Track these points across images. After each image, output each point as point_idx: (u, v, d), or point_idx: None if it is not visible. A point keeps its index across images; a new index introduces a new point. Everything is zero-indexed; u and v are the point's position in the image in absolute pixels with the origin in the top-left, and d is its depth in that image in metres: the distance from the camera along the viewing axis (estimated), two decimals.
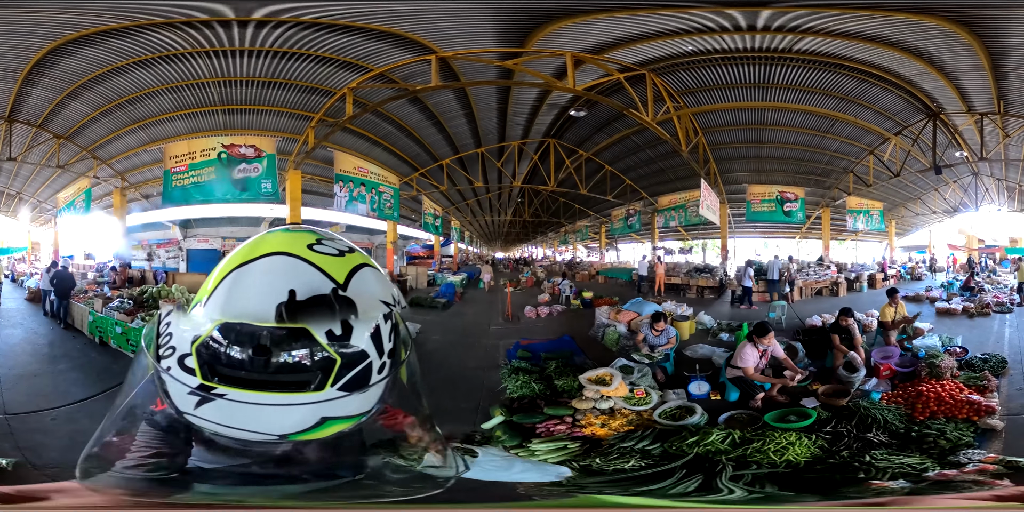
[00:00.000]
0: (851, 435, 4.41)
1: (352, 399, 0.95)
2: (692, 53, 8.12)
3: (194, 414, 0.94)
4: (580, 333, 8.19)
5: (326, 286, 0.92)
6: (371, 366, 0.96)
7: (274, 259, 0.95)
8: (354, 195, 10.04)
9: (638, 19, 7.05)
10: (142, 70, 8.11)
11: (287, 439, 0.97)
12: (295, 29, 7.19)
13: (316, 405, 0.92)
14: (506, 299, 10.06)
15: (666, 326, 6.37)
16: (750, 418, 4.88)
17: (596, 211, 14.73)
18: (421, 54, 7.54)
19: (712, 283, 10.95)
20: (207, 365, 0.91)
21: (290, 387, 0.90)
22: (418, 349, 6.47)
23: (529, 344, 7.54)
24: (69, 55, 7.57)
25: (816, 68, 8.66)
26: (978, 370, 5.62)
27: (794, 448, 4.27)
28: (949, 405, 4.72)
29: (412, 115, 10.25)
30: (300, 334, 0.89)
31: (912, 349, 6.29)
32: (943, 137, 9.76)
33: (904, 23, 6.88)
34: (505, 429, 4.86)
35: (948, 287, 10.99)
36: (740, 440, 4.46)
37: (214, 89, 8.88)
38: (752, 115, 10.36)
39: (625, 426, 4.92)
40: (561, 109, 10.44)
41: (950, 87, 8.52)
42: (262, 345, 0.89)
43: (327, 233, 1.04)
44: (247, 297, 0.91)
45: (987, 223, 15.87)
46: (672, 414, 5.07)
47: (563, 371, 5.95)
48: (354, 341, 0.93)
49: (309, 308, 0.89)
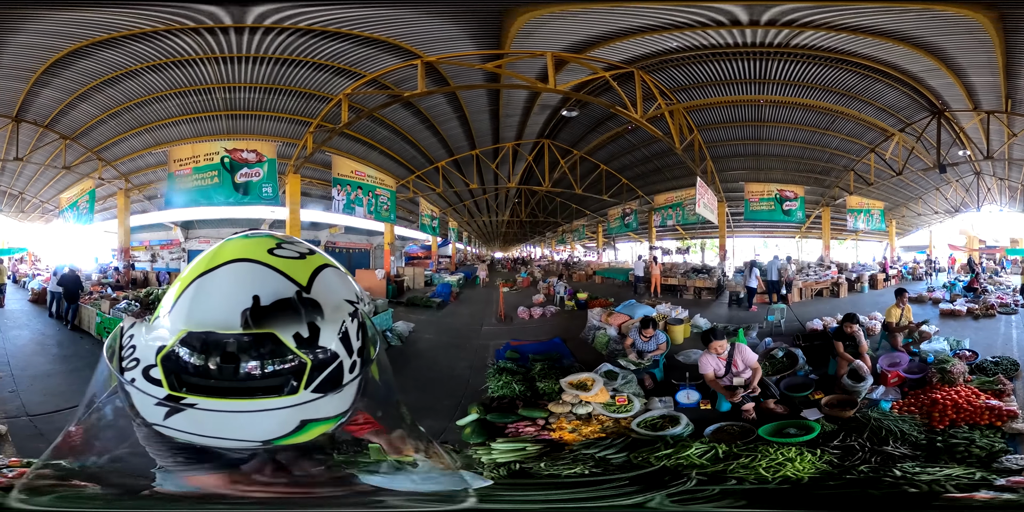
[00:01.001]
0: (865, 449, 3.87)
1: (328, 400, 0.93)
2: (684, 49, 7.68)
3: (164, 425, 0.91)
4: (572, 335, 7.83)
5: (289, 290, 0.90)
6: (342, 366, 0.94)
7: (235, 266, 0.92)
8: (351, 198, 9.96)
9: (622, 14, 6.70)
10: (152, 74, 8.07)
11: (272, 444, 0.93)
12: (293, 36, 7.14)
13: (294, 409, 0.90)
14: (500, 300, 9.74)
15: (655, 332, 5.89)
16: (742, 431, 4.30)
17: (593, 210, 14.36)
18: (408, 59, 7.46)
19: (710, 284, 10.41)
20: (174, 375, 0.88)
21: (262, 393, 0.88)
22: (409, 348, 6.18)
23: (519, 345, 7.29)
24: (85, 57, 7.48)
25: (816, 63, 8.16)
26: (991, 374, 5.20)
27: (794, 464, 3.74)
28: (968, 412, 4.33)
29: (406, 119, 10.10)
30: (267, 339, 0.86)
31: (919, 354, 5.77)
32: (947, 135, 9.31)
33: (922, 16, 6.42)
34: (476, 427, 4.70)
35: (951, 288, 10.51)
36: (724, 455, 3.93)
37: (218, 94, 8.82)
38: (749, 111, 9.84)
39: (597, 433, 4.53)
40: (553, 109, 10.11)
41: (958, 84, 8.04)
42: (229, 353, 0.86)
43: (286, 237, 1.01)
44: (211, 306, 0.89)
45: (987, 223, 15.30)
46: (653, 423, 4.57)
47: (548, 373, 5.68)
48: (322, 342, 0.91)
49: (274, 313, 0.86)
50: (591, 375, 5.15)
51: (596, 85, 8.11)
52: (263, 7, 6.50)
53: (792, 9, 6.56)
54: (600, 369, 5.51)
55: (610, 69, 7.54)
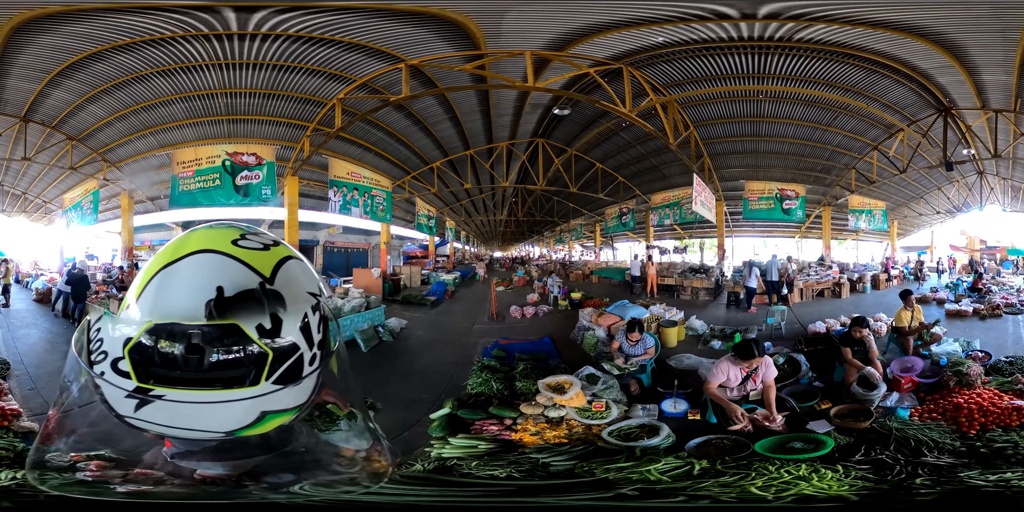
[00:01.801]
0: (900, 462, 3.38)
1: (288, 392, 0.93)
2: (677, 43, 7.28)
3: (136, 417, 0.89)
4: (562, 335, 7.52)
5: (253, 281, 0.89)
6: (303, 358, 0.93)
7: (199, 257, 0.90)
8: (347, 199, 9.96)
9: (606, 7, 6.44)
10: (160, 79, 8.14)
11: (233, 435, 0.92)
12: (288, 43, 7.22)
13: (255, 400, 0.89)
14: (492, 298, 9.53)
15: (643, 336, 5.33)
16: (734, 445, 3.71)
17: (590, 209, 13.97)
18: (393, 63, 7.47)
19: (707, 284, 9.90)
20: (141, 367, 0.86)
21: (226, 383, 0.87)
22: (400, 344, 5.73)
23: (507, 344, 7.06)
24: (100, 60, 7.53)
25: (821, 58, 7.74)
26: (1007, 374, 4.90)
27: (811, 482, 3.16)
28: (996, 414, 4.01)
29: (399, 121, 10.09)
30: (231, 330, 0.85)
31: (931, 357, 5.27)
32: (952, 134, 8.92)
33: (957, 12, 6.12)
34: (445, 421, 4.59)
35: (955, 288, 10.16)
36: (701, 472, 3.39)
37: (220, 99, 8.90)
38: (748, 107, 9.38)
39: (560, 438, 4.13)
40: (545, 108, 9.83)
41: (969, 82, 7.70)
42: (194, 344, 0.85)
43: (251, 228, 1.00)
44: (175, 296, 0.87)
45: (989, 224, 14.79)
46: (628, 433, 4.05)
47: (529, 373, 5.42)
48: (284, 334, 0.90)
49: (238, 304, 0.86)
50: (569, 378, 4.81)
51: (586, 83, 7.85)
52: (261, 13, 6.50)
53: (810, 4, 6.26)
54: (581, 372, 5.11)
55: (597, 66, 7.25)
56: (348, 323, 7.30)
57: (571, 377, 4.84)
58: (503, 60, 7.13)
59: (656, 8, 6.38)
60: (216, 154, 8.92)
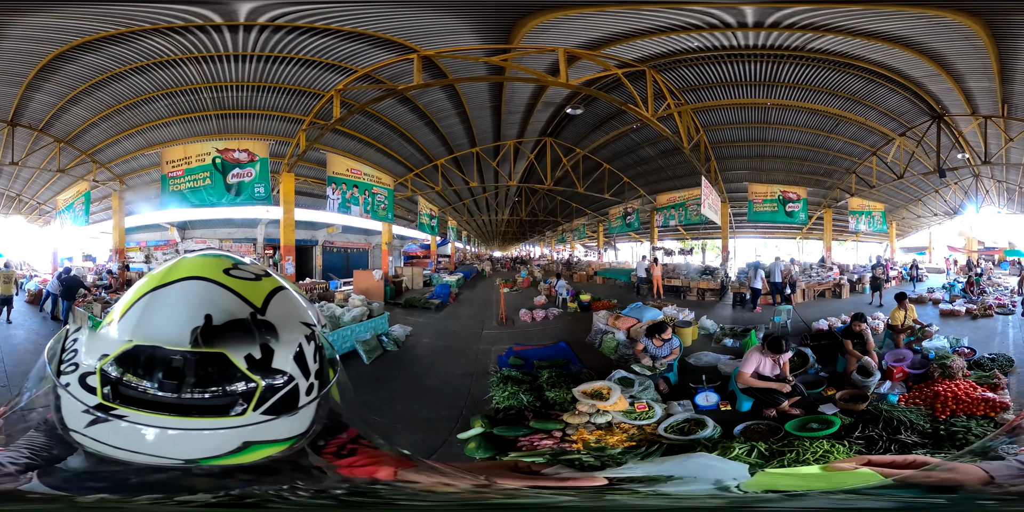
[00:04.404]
0: (883, 438, 4.24)
1: (281, 422, 0.94)
2: (696, 50, 7.94)
3: (82, 432, 0.90)
4: (577, 339, 7.77)
5: (244, 310, 0.91)
6: (298, 388, 0.95)
7: (190, 283, 0.93)
8: (347, 197, 9.97)
9: (637, 14, 6.87)
10: (138, 76, 8.16)
11: (197, 464, 0.92)
12: (274, 33, 7.18)
13: (238, 430, 0.90)
14: (501, 301, 9.67)
15: (672, 336, 5.93)
16: (769, 429, 4.50)
17: (594, 209, 14.51)
18: (403, 53, 7.44)
19: (714, 285, 10.68)
20: (111, 385, 0.89)
21: (203, 412, 0.88)
22: (406, 353, 6.32)
23: (522, 350, 7.11)
24: (71, 61, 7.59)
25: (824, 67, 8.47)
26: (987, 369, 5.67)
27: (833, 456, 3.97)
28: (967, 403, 4.79)
29: (404, 115, 10.12)
30: (216, 359, 0.87)
31: (922, 351, 6.18)
32: (946, 139, 9.71)
33: (926, 22, 6.73)
34: (482, 441, 4.48)
35: (950, 289, 10.93)
36: (767, 452, 4.09)
37: (207, 94, 8.90)
38: (755, 113, 10.16)
39: (625, 442, 4.49)
40: (557, 107, 10.19)
41: (957, 89, 8.43)
42: (174, 369, 0.86)
43: (242, 258, 1.04)
44: (161, 320, 0.89)
45: (986, 225, 15.92)
46: (680, 427, 4.64)
47: (556, 382, 5.53)
48: (276, 364, 0.92)
49: (226, 333, 0.88)
50: (606, 383, 5.12)
51: (604, 83, 8.24)
52: (251, 4, 6.54)
53: (808, 13, 6.86)
54: (614, 376, 5.54)
55: (622, 67, 7.63)
56: (348, 333, 7.19)
57: (607, 383, 5.12)
58: (527, 56, 7.31)
59: (677, 16, 6.91)
60: (206, 151, 8.95)
